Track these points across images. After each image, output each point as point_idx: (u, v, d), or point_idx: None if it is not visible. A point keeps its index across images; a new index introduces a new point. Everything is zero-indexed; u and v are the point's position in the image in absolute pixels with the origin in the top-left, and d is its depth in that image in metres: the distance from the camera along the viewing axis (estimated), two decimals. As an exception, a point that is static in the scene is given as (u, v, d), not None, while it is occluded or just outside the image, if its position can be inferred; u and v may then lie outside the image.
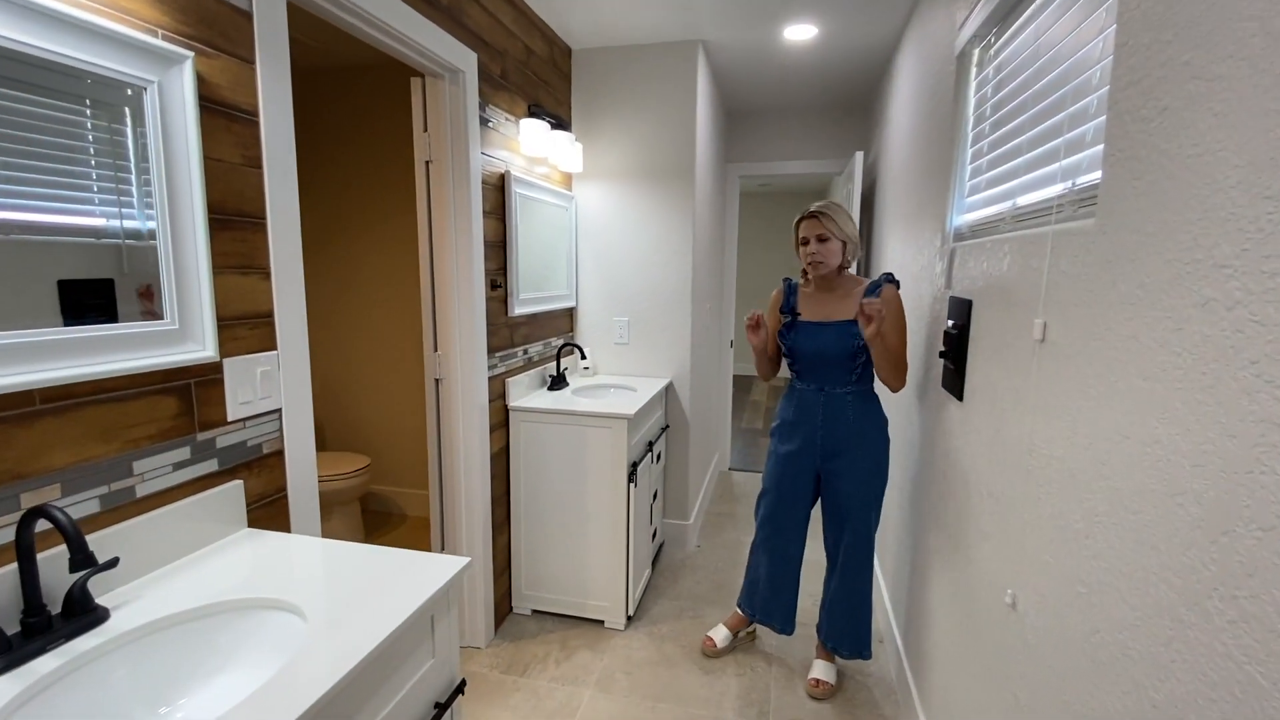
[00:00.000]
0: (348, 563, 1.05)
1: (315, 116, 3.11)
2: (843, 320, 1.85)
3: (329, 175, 3.16)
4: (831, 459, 1.91)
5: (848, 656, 1.99)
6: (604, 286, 2.87)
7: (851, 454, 1.88)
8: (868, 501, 1.90)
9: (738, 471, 4.17)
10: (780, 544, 2.04)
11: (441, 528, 2.16)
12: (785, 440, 1.98)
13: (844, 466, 1.89)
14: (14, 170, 0.81)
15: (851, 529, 1.91)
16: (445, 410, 2.08)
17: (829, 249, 1.85)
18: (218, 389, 1.13)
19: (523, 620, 2.35)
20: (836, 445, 1.89)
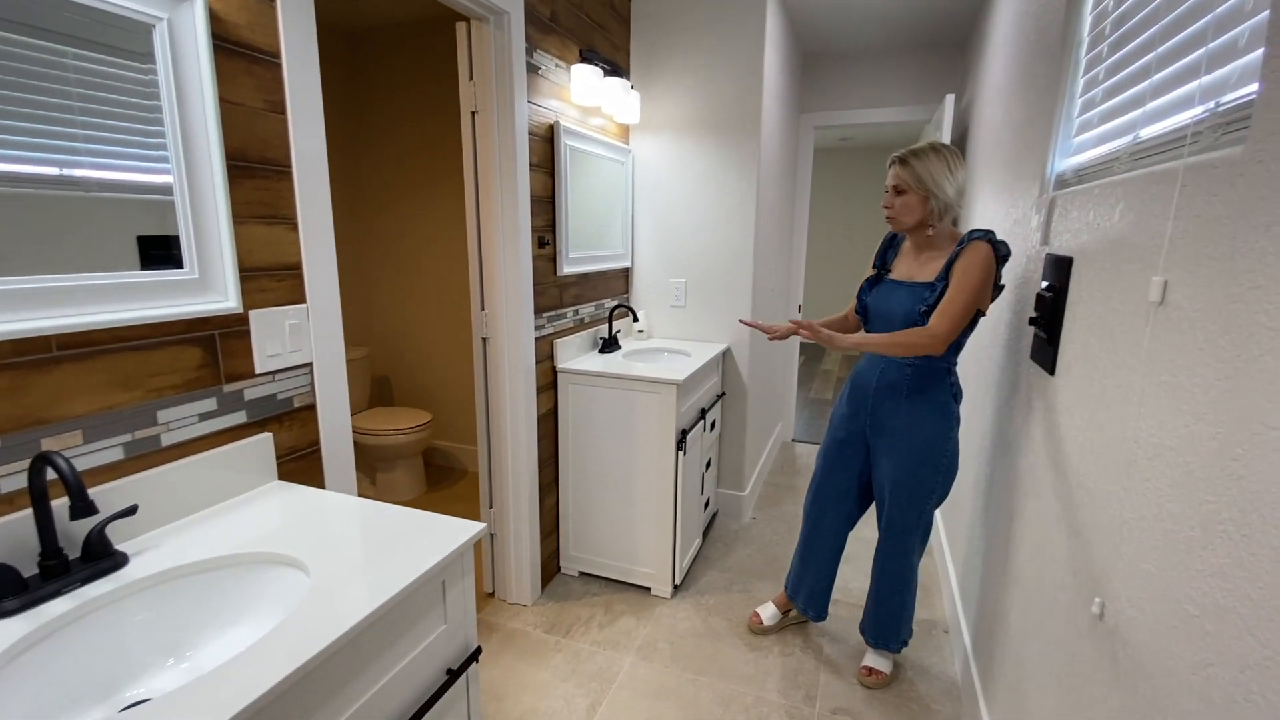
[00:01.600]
0: (367, 521, 1.03)
1: (368, 75, 3.11)
2: (922, 283, 1.62)
3: (389, 135, 3.17)
4: (878, 434, 1.74)
5: (871, 644, 1.87)
6: (661, 246, 2.75)
7: (898, 435, 1.68)
8: (911, 491, 1.69)
9: (801, 443, 4.00)
10: (815, 513, 1.92)
11: (490, 487, 2.16)
12: (841, 404, 1.85)
13: (888, 446, 1.71)
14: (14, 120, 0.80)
15: (887, 515, 1.75)
16: (492, 370, 2.05)
17: (905, 203, 1.61)
18: (244, 341, 1.12)
19: (569, 581, 2.35)
20: (884, 421, 1.71)
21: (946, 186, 1.58)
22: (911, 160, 1.59)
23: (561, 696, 1.76)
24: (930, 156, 1.58)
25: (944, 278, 1.56)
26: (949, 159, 1.58)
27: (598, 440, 2.23)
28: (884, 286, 1.72)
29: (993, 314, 1.88)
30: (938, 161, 1.58)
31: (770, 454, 3.51)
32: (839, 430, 1.84)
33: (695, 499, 2.41)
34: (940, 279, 1.57)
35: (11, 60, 0.78)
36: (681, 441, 2.14)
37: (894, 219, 1.65)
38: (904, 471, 1.68)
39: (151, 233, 0.95)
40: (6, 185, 0.79)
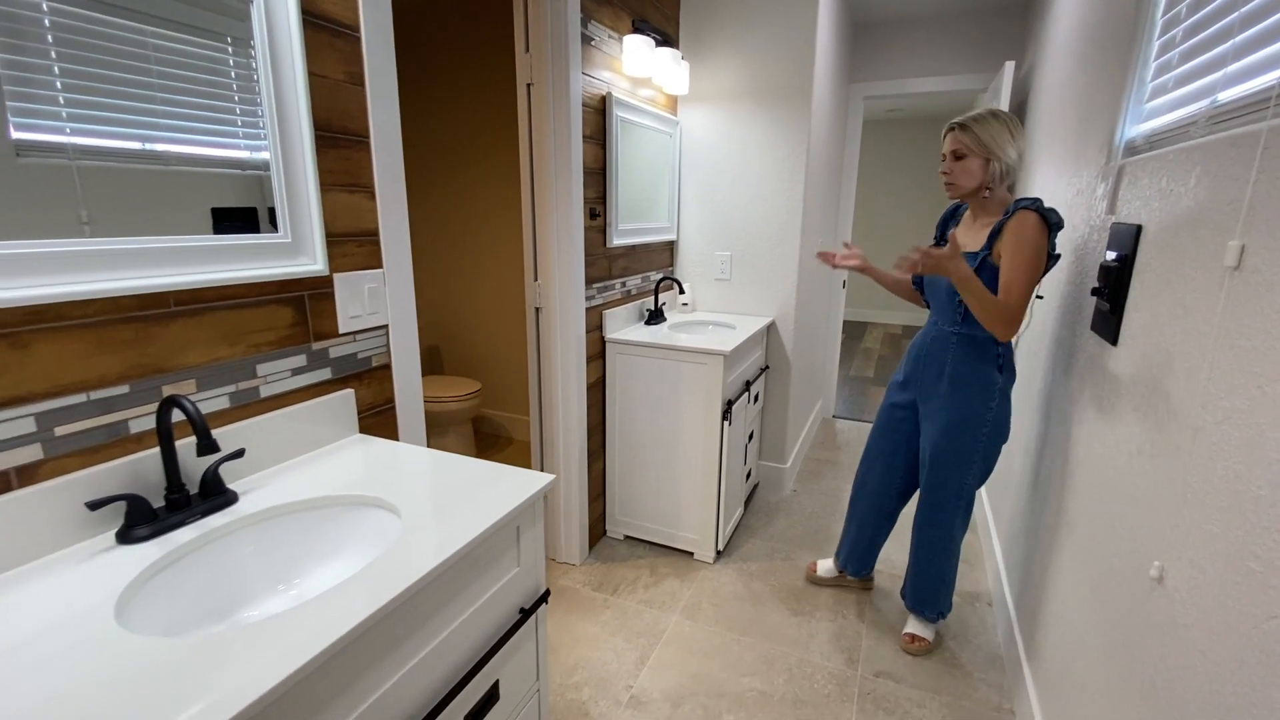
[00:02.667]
0: (444, 471, 1.10)
1: (423, 49, 3.17)
2: (970, 251, 1.61)
3: (444, 109, 3.23)
4: (924, 400, 1.78)
5: (910, 607, 1.91)
6: (706, 219, 2.76)
7: (940, 402, 1.71)
8: (950, 458, 1.70)
9: (842, 420, 3.99)
10: (863, 471, 2.00)
11: (541, 451, 2.24)
12: (898, 371, 1.91)
13: (932, 412, 1.75)
14: (154, 104, 0.87)
15: (927, 480, 1.78)
16: (545, 339, 2.12)
17: (964, 168, 1.59)
18: (329, 302, 1.20)
19: (615, 544, 2.43)
20: (930, 387, 1.75)
21: (1009, 149, 1.57)
22: (972, 125, 1.58)
23: (611, 649, 1.85)
24: (991, 121, 1.57)
25: (988, 246, 1.57)
26: (1009, 124, 1.57)
27: (644, 409, 2.28)
28: None
29: (1047, 285, 1.85)
30: (998, 126, 1.57)
31: (811, 429, 3.52)
32: (893, 394, 1.90)
33: (738, 469, 2.45)
34: (984, 248, 1.57)
35: (134, 47, 0.85)
36: (727, 412, 2.17)
37: (952, 184, 1.63)
38: (944, 438, 1.70)
39: (239, 204, 1.02)
40: (114, 160, 0.86)
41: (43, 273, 0.78)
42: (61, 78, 0.79)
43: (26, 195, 0.77)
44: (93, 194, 0.83)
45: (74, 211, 0.81)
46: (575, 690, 1.70)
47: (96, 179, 0.83)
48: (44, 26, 0.77)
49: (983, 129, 1.56)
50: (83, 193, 0.82)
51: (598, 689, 1.70)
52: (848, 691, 1.71)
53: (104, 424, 0.88)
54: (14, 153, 0.75)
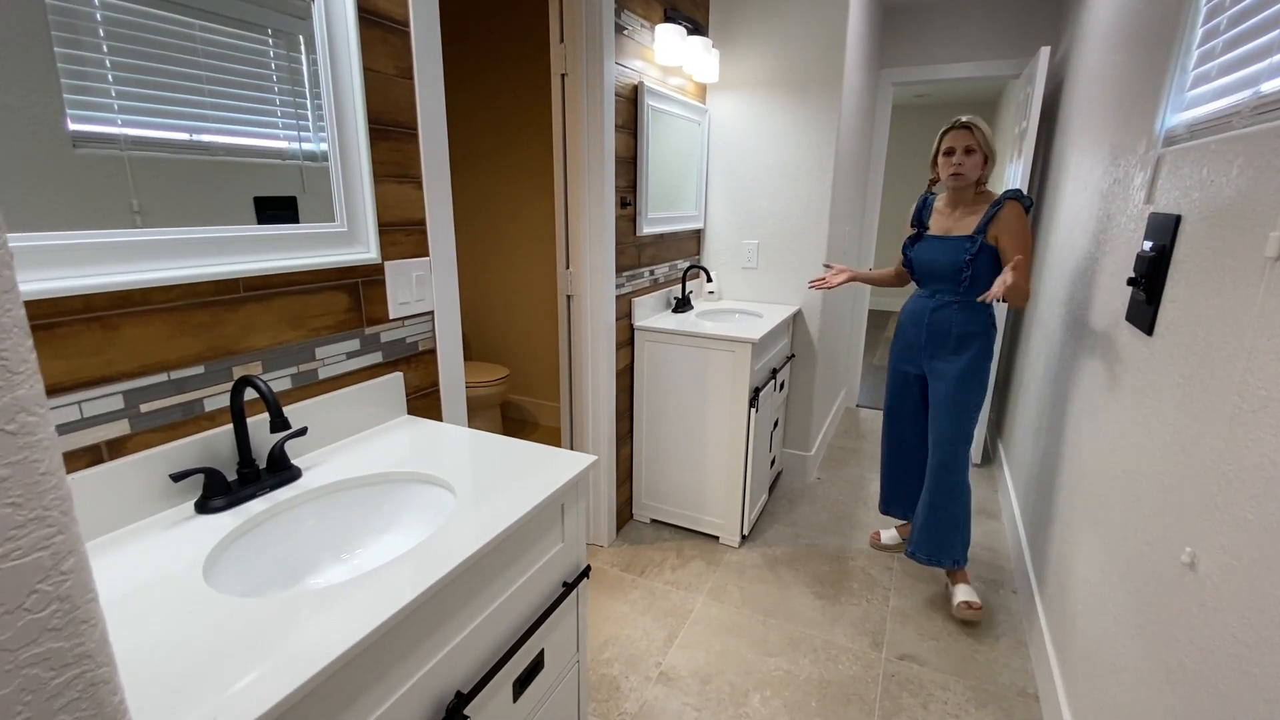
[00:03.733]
0: (491, 451, 1.15)
1: (458, 41, 3.20)
2: (960, 235, 1.88)
3: (477, 100, 3.27)
4: (932, 360, 1.98)
5: (925, 562, 2.01)
6: (733, 207, 2.77)
7: (950, 357, 1.93)
8: (960, 404, 1.93)
9: (866, 409, 4.00)
10: (897, 432, 2.16)
11: (571, 435, 2.29)
12: (897, 341, 2.10)
13: (941, 369, 1.95)
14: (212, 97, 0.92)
15: (938, 428, 1.96)
16: (575, 326, 2.16)
17: (973, 161, 1.83)
18: (380, 289, 1.25)
19: (642, 527, 2.48)
20: (937, 349, 1.96)
21: (994, 148, 1.87)
22: (981, 125, 1.83)
23: (640, 628, 1.91)
24: (982, 123, 1.84)
25: (982, 230, 1.83)
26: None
27: (672, 395, 2.32)
28: (926, 242, 1.97)
29: (1080, 277, 1.84)
30: (987, 128, 1.86)
31: (835, 418, 3.53)
32: (901, 363, 2.09)
33: (764, 455, 2.48)
34: (979, 232, 1.84)
35: (210, 45, 0.90)
36: (754, 399, 2.20)
37: (962, 175, 1.85)
38: (955, 386, 1.92)
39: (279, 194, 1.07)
40: (164, 150, 0.91)
41: (122, 260, 0.84)
42: (113, 70, 0.82)
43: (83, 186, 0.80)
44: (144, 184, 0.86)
45: (126, 201, 0.85)
46: (606, 665, 1.76)
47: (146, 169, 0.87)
48: (96, 21, 0.81)
49: (985, 130, 1.83)
50: (134, 182, 0.85)
51: (628, 665, 1.76)
52: (872, 673, 1.75)
53: (182, 402, 0.94)
54: (70, 144, 0.79)
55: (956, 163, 1.83)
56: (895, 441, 2.19)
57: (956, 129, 1.83)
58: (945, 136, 1.86)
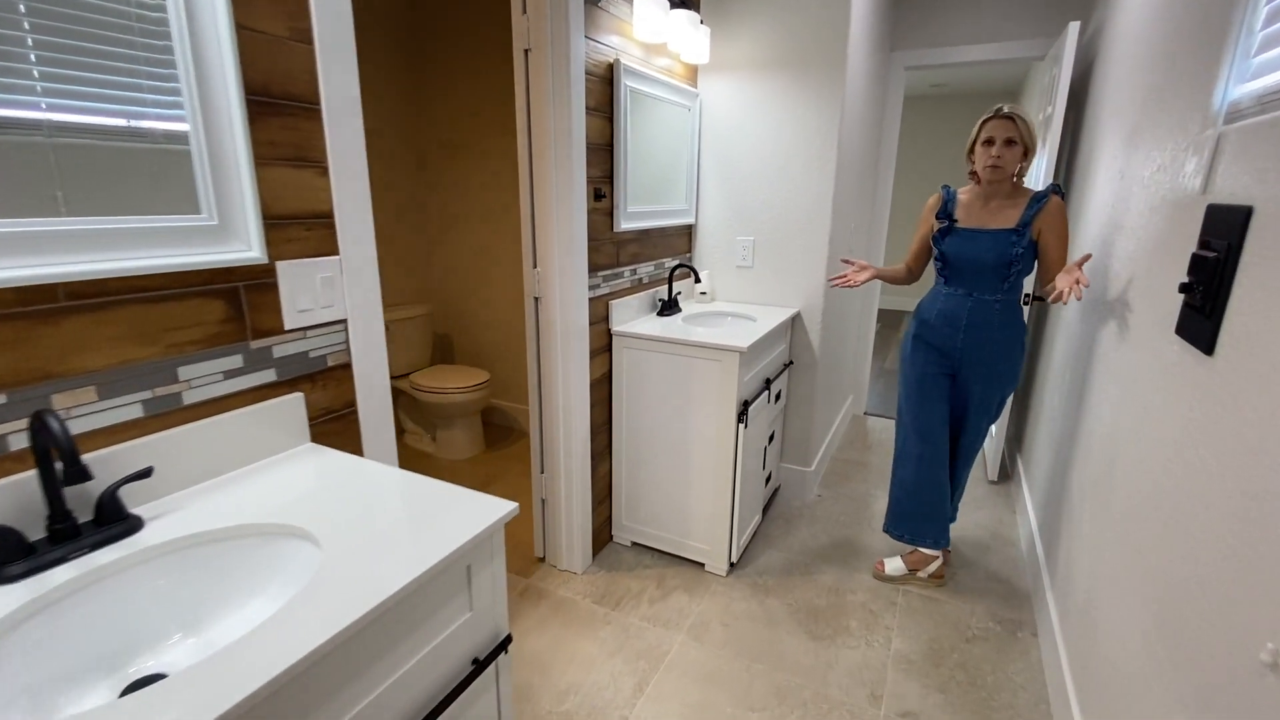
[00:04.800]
0: (395, 492, 0.95)
1: (432, 24, 3.00)
2: (1001, 229, 1.80)
3: (454, 86, 3.07)
4: (969, 364, 1.92)
5: (932, 546, 2.05)
6: (728, 201, 2.54)
7: (990, 360, 1.89)
8: (995, 404, 1.96)
9: (874, 417, 3.75)
10: (929, 449, 2.00)
11: (541, 451, 2.09)
12: (922, 340, 1.98)
13: (981, 372, 1.91)
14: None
15: (972, 427, 1.99)
16: (544, 331, 1.95)
17: (1013, 154, 1.76)
18: (271, 295, 1.05)
19: (621, 551, 2.27)
20: (976, 350, 1.89)
21: (1035, 141, 1.78)
22: (1021, 116, 1.73)
23: (608, 672, 1.70)
24: (1028, 116, 1.75)
25: (1026, 224, 1.76)
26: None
27: (654, 408, 2.11)
28: (960, 235, 1.87)
29: (1115, 280, 1.59)
30: (1031, 118, 1.76)
31: (840, 428, 3.30)
32: (927, 366, 1.97)
33: (756, 474, 2.26)
34: (1023, 225, 1.77)
35: None
36: (743, 413, 1.98)
37: (1000, 168, 1.77)
38: (993, 388, 1.93)
39: (153, 181, 0.87)
40: None
41: None
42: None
43: None
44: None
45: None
46: (565, 719, 1.55)
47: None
48: None
49: (1026, 122, 1.74)
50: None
51: (589, 718, 1.55)
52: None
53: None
54: None
55: (995, 154, 1.75)
56: (920, 454, 1.99)
57: (998, 118, 1.75)
58: (985, 125, 1.78)
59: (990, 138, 1.76)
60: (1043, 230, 1.76)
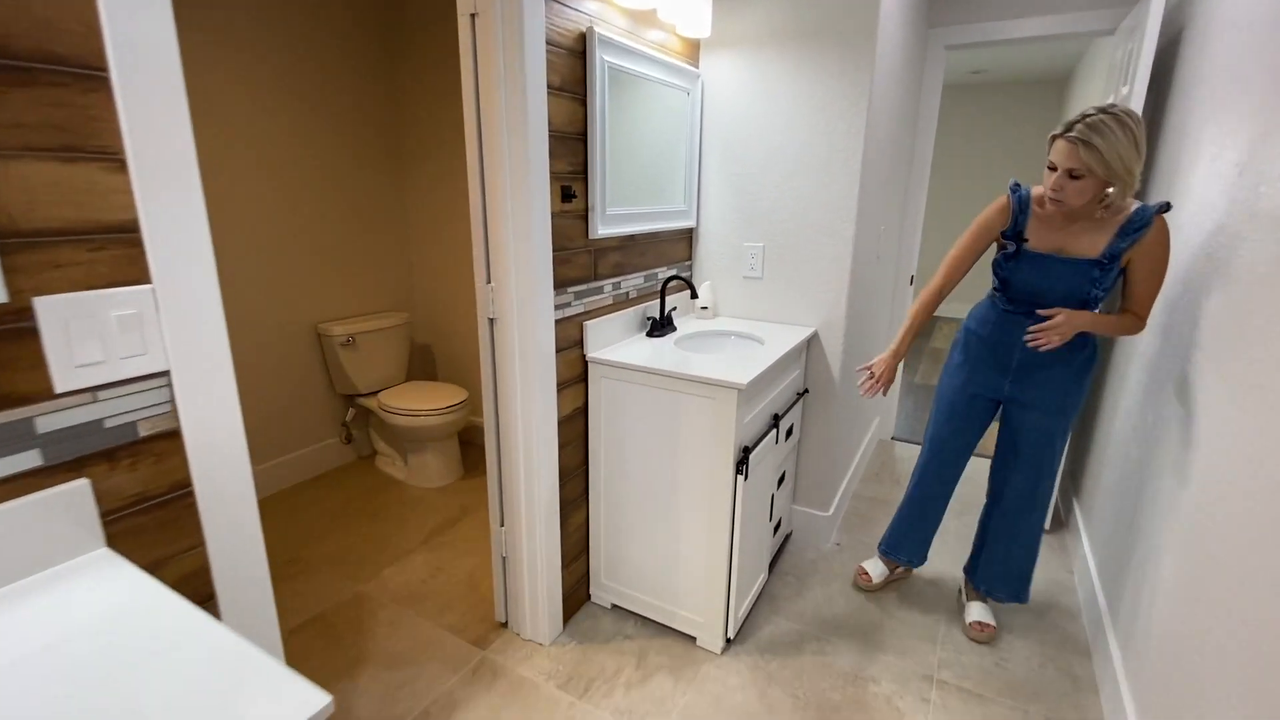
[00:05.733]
0: (162, 662, 0.62)
1: (406, 13, 2.68)
2: (1082, 258, 1.49)
3: (432, 81, 2.75)
4: (1024, 388, 1.68)
5: (1004, 600, 1.85)
6: (734, 200, 2.17)
7: (1050, 384, 1.64)
8: (1059, 437, 1.68)
9: (904, 443, 3.35)
10: (938, 469, 1.87)
11: (500, 501, 1.76)
12: (970, 355, 1.75)
13: (1037, 397, 1.66)
14: None
15: (1031, 463, 1.72)
16: (501, 359, 1.62)
17: (1079, 189, 1.40)
18: (27, 345, 0.72)
19: (599, 615, 1.93)
20: (1033, 374, 1.65)
21: (1136, 168, 1.37)
22: (1095, 140, 1.33)
23: (563, 794, 1.36)
24: (1115, 132, 1.33)
25: (1115, 255, 1.45)
26: (1135, 131, 1.34)
27: (637, 449, 1.76)
28: (1031, 262, 1.56)
29: (1224, 305, 1.20)
30: (1124, 138, 1.33)
31: (863, 458, 2.91)
32: (971, 385, 1.76)
33: (760, 527, 1.90)
34: (1110, 257, 1.46)
35: None
36: (743, 462, 1.62)
37: (1061, 202, 1.44)
38: (1053, 416, 1.66)
39: None
40: None
41: None
42: None
43: None
44: None
45: None
46: None
47: None
48: None
49: (1108, 145, 1.33)
50: None
51: None
52: None
53: None
54: None
55: (1055, 187, 1.43)
56: (936, 477, 1.88)
57: (1065, 139, 1.39)
58: (1052, 144, 1.44)
59: (1053, 163, 1.43)
60: (1134, 260, 1.46)
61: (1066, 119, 1.46)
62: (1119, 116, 1.34)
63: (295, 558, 2.21)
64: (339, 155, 2.69)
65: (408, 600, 1.98)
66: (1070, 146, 1.36)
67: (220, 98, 2.27)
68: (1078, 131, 1.35)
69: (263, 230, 2.48)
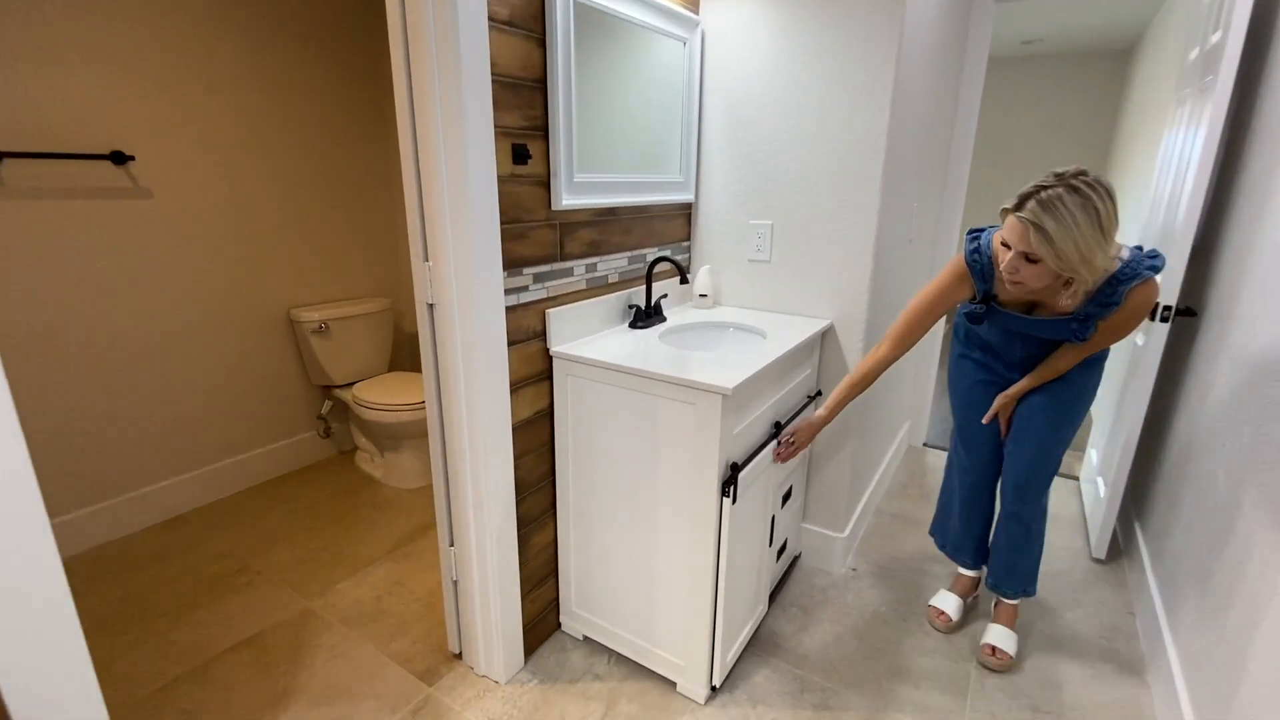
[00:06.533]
0: None
1: None
2: (1062, 318, 1.36)
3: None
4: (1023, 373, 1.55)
5: (1012, 595, 1.69)
6: (738, 171, 1.88)
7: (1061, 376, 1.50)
8: (1065, 428, 1.51)
9: (937, 450, 3.00)
10: (964, 459, 1.71)
11: (450, 517, 1.51)
12: (972, 346, 1.64)
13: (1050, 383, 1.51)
14: None
15: (1033, 449, 1.53)
16: (444, 352, 1.36)
17: (1035, 273, 1.21)
18: None
19: (569, 649, 1.67)
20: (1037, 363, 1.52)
21: (1098, 262, 1.16)
22: (1046, 224, 1.12)
23: None
24: (1071, 213, 1.11)
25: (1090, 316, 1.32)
26: (1099, 207, 1.12)
27: (608, 460, 1.49)
28: (1003, 318, 1.45)
29: None
30: (1083, 219, 1.11)
31: (889, 468, 2.58)
32: (980, 373, 1.63)
33: (755, 556, 1.61)
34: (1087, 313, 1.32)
35: None
36: (731, 482, 1.34)
37: (1019, 284, 1.25)
38: (1064, 409, 1.50)
39: None
40: None
41: None
42: None
43: None
44: None
45: None
46: None
47: None
48: None
49: (1062, 232, 1.12)
50: None
51: None
52: None
53: None
54: None
55: (1010, 269, 1.23)
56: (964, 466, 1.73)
57: (1016, 217, 1.17)
58: (1005, 218, 1.23)
59: (1005, 241, 1.22)
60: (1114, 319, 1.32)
61: (1021, 190, 1.17)
62: (1079, 190, 1.11)
63: (245, 566, 2.01)
64: (315, 129, 2.48)
65: (357, 620, 1.76)
66: (1021, 227, 1.16)
67: (175, 66, 2.06)
68: (1028, 211, 1.14)
69: (231, 208, 2.28)
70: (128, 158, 2.01)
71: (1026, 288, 1.26)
